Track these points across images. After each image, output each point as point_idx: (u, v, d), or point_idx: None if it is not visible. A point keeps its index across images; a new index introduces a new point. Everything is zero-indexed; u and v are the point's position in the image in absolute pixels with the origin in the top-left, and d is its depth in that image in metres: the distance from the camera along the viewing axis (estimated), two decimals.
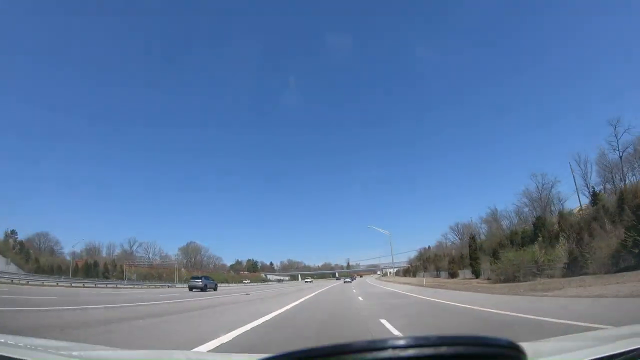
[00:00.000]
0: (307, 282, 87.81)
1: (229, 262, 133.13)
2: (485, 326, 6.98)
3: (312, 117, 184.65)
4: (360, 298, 17.45)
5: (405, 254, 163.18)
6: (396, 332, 6.50)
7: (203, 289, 31.87)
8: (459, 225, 67.76)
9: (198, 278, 34.97)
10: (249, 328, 6.84)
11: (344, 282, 64.96)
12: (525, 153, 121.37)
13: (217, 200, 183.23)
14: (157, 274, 73.81)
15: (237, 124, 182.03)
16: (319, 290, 29.82)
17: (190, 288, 32.44)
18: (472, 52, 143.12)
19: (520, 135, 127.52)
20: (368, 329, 7.07)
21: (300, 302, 14.86)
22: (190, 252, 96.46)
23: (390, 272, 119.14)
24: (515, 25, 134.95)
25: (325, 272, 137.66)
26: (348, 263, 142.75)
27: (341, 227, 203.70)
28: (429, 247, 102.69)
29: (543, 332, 5.65)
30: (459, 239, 69.07)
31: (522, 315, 8.08)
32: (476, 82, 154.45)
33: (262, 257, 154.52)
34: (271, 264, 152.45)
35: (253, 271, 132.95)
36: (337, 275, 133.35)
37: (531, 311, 8.51)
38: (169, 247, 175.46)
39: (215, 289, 34.25)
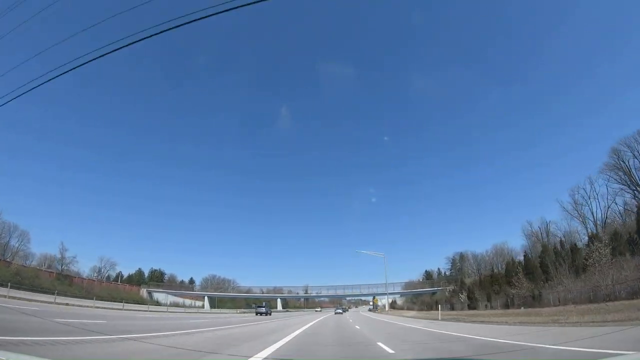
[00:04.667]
0: (317, 311, 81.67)
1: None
2: None
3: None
4: None
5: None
6: None
7: (266, 313, 44.47)
8: None
9: (262, 307, 47.09)
10: None
11: (335, 312, 58.74)
12: None
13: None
14: None
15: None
16: None
17: (256, 313, 44.64)
18: (463, 76, 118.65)
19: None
20: None
21: None
22: None
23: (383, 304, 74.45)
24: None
25: (273, 297, 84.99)
26: (307, 290, 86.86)
27: (297, 248, 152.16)
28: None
29: None
30: None
31: None
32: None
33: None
34: (192, 280, 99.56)
35: (152, 284, 74.18)
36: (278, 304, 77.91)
37: None
38: None
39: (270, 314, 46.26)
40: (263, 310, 44.90)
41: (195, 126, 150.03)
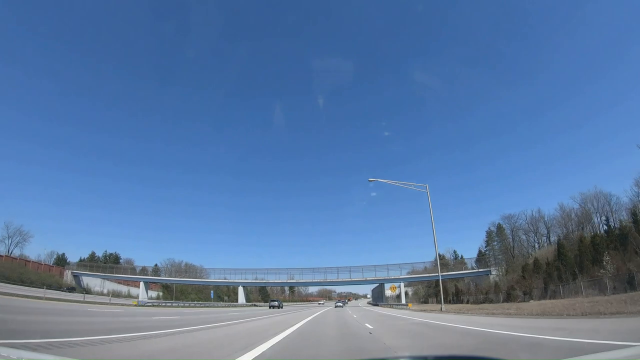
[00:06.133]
0: (320, 304, 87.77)
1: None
2: None
3: None
4: None
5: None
6: None
7: (279, 307, 50.52)
8: None
9: (275, 300, 56.02)
10: None
11: (335, 306, 60.81)
12: None
13: None
14: None
15: None
16: None
17: (270, 307, 51.07)
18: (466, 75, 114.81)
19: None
20: None
21: None
22: None
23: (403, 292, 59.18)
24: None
25: (234, 284, 69.98)
26: (292, 276, 71.23)
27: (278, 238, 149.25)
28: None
29: None
30: None
31: None
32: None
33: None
34: (156, 267, 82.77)
35: (79, 263, 56.60)
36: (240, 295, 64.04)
37: None
38: None
39: (281, 307, 51.78)
40: (276, 304, 51.91)
41: (191, 129, 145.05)
